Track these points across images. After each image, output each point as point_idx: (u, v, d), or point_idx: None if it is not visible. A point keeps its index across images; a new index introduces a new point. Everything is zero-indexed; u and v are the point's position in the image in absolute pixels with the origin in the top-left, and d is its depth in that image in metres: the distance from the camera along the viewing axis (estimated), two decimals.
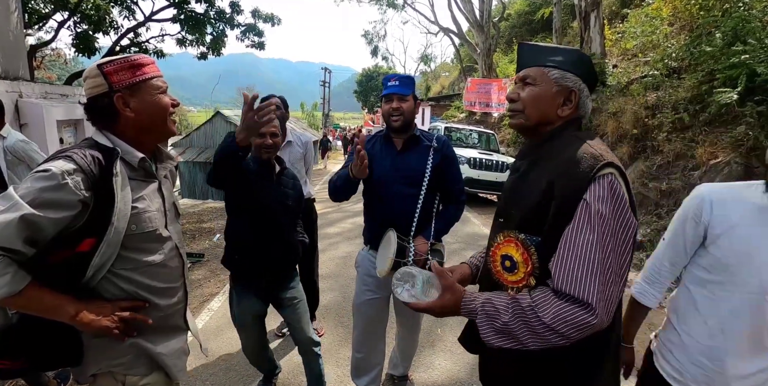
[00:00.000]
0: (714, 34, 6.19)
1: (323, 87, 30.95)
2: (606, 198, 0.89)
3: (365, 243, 2.11)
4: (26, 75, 5.33)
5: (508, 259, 1.03)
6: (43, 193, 0.95)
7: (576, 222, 0.90)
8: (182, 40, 9.52)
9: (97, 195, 1.02)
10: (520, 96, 1.08)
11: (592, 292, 0.86)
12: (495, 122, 14.95)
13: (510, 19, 22.32)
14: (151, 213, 1.15)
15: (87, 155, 1.03)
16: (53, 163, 0.99)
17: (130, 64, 1.10)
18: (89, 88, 1.09)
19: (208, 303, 3.65)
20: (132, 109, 1.11)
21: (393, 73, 2.04)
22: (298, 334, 2.11)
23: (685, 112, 6.17)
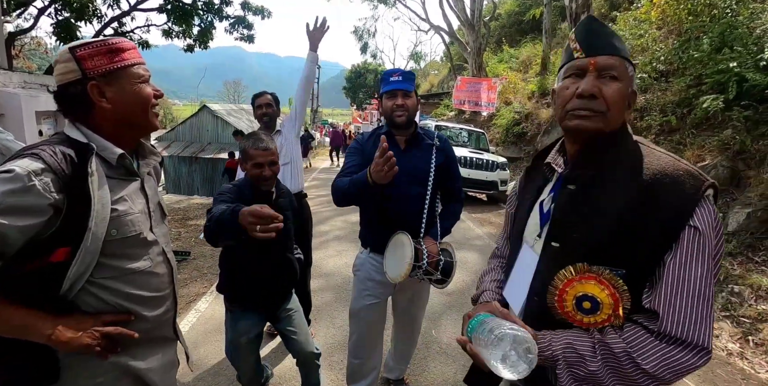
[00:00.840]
0: (702, 39, 6.29)
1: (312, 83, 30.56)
2: (713, 224, 0.79)
3: (364, 246, 2.03)
4: (4, 63, 5.12)
5: (587, 300, 0.85)
6: (6, 197, 0.82)
7: (684, 252, 0.78)
8: (168, 32, 9.27)
9: (71, 197, 0.90)
10: (603, 92, 0.85)
11: (706, 334, 0.76)
12: (484, 121, 15.00)
13: (500, 18, 22.41)
14: (134, 215, 1.02)
15: (57, 152, 0.91)
16: (17, 161, 0.86)
17: (108, 48, 0.97)
18: (59, 74, 0.96)
19: (195, 303, 3.54)
20: (108, 99, 0.98)
21: (394, 68, 1.95)
22: (296, 346, 1.98)
23: (672, 114, 6.27)
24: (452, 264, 1.79)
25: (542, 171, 1.06)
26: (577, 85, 0.88)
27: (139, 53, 1.05)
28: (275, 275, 1.89)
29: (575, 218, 0.89)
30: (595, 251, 0.84)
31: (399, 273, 1.72)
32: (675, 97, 6.48)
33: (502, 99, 14.38)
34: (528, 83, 13.81)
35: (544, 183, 1.05)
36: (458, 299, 3.76)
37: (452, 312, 3.52)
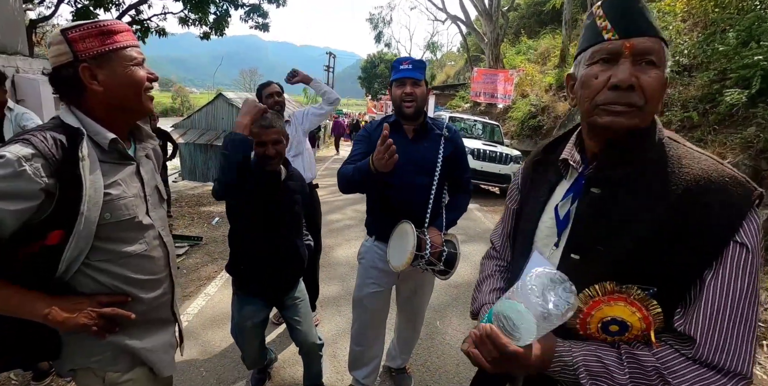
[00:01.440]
0: (728, 32, 6.07)
1: (327, 72, 30.57)
2: (759, 241, 0.70)
3: (369, 234, 2.04)
4: (24, 50, 5.20)
5: (615, 324, 0.76)
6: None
7: (727, 271, 0.69)
8: (185, 19, 9.32)
9: (62, 182, 0.91)
10: (642, 82, 0.72)
11: (746, 361, 0.68)
12: (500, 113, 14.80)
13: (519, 9, 21.94)
14: (127, 199, 1.03)
15: (48, 137, 0.92)
16: (8, 147, 0.87)
17: (99, 31, 0.95)
18: (53, 56, 0.96)
19: (205, 287, 3.62)
20: (100, 82, 0.97)
21: (405, 56, 1.90)
22: (299, 336, 2.01)
23: (694, 110, 6.09)
24: (456, 256, 1.78)
25: (555, 166, 0.93)
26: (609, 73, 0.74)
27: (133, 35, 1.04)
28: (282, 260, 1.89)
29: (601, 227, 0.78)
30: (624, 266, 0.74)
31: (401, 261, 1.72)
32: (697, 92, 6.29)
33: (518, 91, 14.15)
34: (546, 75, 13.53)
35: (557, 180, 0.92)
36: (465, 292, 3.76)
37: (458, 304, 3.52)
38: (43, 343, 1.01)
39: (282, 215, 1.86)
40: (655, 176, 0.74)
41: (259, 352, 2.12)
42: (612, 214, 0.77)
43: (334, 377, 2.47)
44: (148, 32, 9.26)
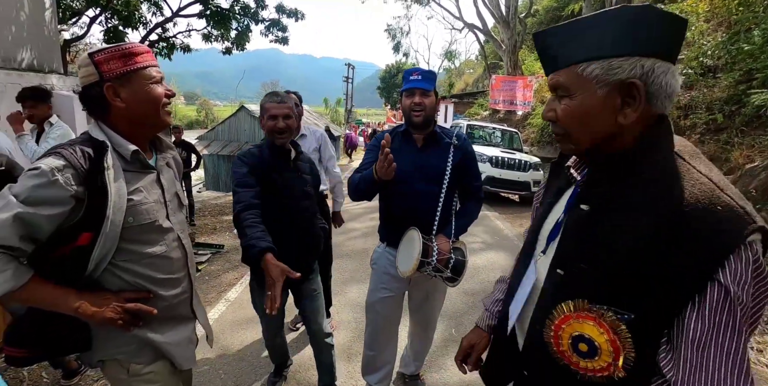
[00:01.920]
0: (753, 31, 5.90)
1: (346, 83, 31.03)
2: (748, 284, 0.63)
3: (381, 240, 2.08)
4: (59, 69, 5.51)
5: (583, 342, 0.74)
6: (35, 190, 0.96)
7: (708, 313, 0.64)
8: (208, 36, 9.69)
9: (90, 189, 1.02)
10: (557, 114, 0.78)
11: None
12: (519, 120, 14.68)
13: (537, 15, 21.84)
14: (149, 204, 1.14)
15: (77, 150, 1.03)
16: (43, 160, 0.99)
17: (122, 53, 1.07)
18: (82, 77, 1.08)
19: (225, 293, 3.71)
20: (123, 99, 1.08)
21: (415, 67, 1.96)
22: (312, 325, 2.11)
23: (720, 112, 5.92)
24: (464, 263, 1.79)
25: (565, 172, 0.93)
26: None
27: (153, 56, 1.15)
28: (297, 239, 1.93)
29: (585, 245, 0.77)
30: (603, 288, 0.73)
31: (407, 267, 1.75)
32: (723, 93, 6.12)
33: (538, 97, 14.02)
34: None
35: (566, 185, 0.92)
36: (480, 299, 3.73)
37: (474, 311, 3.49)
38: (76, 335, 1.11)
39: (294, 193, 1.92)
40: (644, 197, 0.71)
41: (278, 335, 2.23)
42: (597, 233, 0.75)
43: (348, 382, 2.49)
44: (173, 49, 9.66)
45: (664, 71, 0.69)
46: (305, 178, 2.00)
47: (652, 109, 0.72)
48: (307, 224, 1.98)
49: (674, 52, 0.71)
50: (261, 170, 1.84)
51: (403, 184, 1.84)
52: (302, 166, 2.00)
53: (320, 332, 2.11)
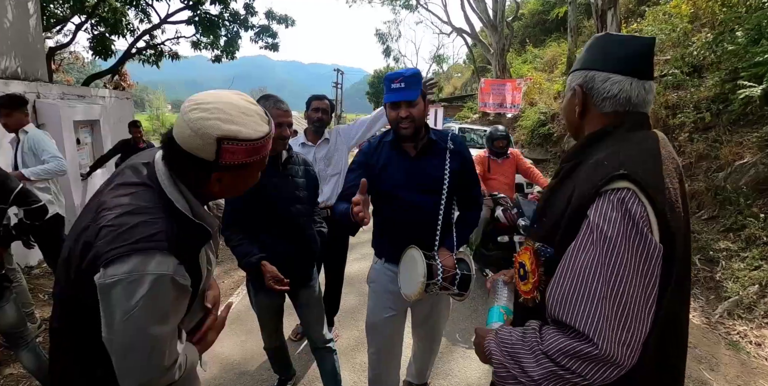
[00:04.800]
0: (737, 31, 6.01)
1: (335, 88, 31.03)
2: (613, 219, 0.77)
3: (378, 255, 1.92)
4: (45, 76, 5.41)
5: (522, 267, 0.97)
6: (162, 302, 0.83)
7: (578, 241, 0.81)
8: (197, 43, 9.60)
9: (190, 273, 0.89)
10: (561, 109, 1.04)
11: (589, 321, 0.75)
12: (509, 122, 14.77)
13: (523, 18, 22.10)
14: (212, 269, 1.08)
15: (175, 236, 0.85)
16: (151, 264, 0.80)
17: (253, 148, 0.89)
18: (189, 144, 0.86)
19: (223, 304, 3.61)
20: (222, 184, 0.93)
21: (395, 72, 1.71)
22: (311, 332, 2.08)
23: (707, 111, 6.01)
24: (470, 277, 1.67)
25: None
26: None
27: (269, 139, 0.95)
28: (291, 246, 1.89)
29: (546, 206, 0.99)
30: (546, 233, 0.93)
31: (412, 290, 1.62)
32: (709, 92, 6.21)
33: (527, 100, 14.14)
34: (553, 83, 13.51)
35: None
36: (483, 303, 3.70)
37: (477, 315, 3.46)
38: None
39: (283, 198, 1.86)
40: (579, 174, 0.90)
41: (279, 340, 2.19)
42: (553, 195, 0.96)
43: None
44: (161, 56, 9.55)
45: (603, 79, 0.93)
46: (297, 181, 1.93)
47: (598, 108, 0.95)
48: (299, 229, 1.92)
49: (623, 65, 0.92)
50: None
51: (396, 197, 1.72)
52: (293, 170, 1.94)
53: (320, 338, 2.07)
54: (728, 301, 3.67)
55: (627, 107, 0.93)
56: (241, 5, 9.41)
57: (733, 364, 2.89)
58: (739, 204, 4.62)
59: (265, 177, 1.79)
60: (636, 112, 0.94)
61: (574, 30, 13.03)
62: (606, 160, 0.84)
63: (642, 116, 0.94)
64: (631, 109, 0.93)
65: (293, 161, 1.96)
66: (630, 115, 0.93)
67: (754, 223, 4.32)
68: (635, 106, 0.93)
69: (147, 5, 8.84)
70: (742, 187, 4.73)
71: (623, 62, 0.92)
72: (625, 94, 0.91)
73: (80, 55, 13.32)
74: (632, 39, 0.93)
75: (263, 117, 0.93)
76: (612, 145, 0.89)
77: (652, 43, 0.93)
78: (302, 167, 1.99)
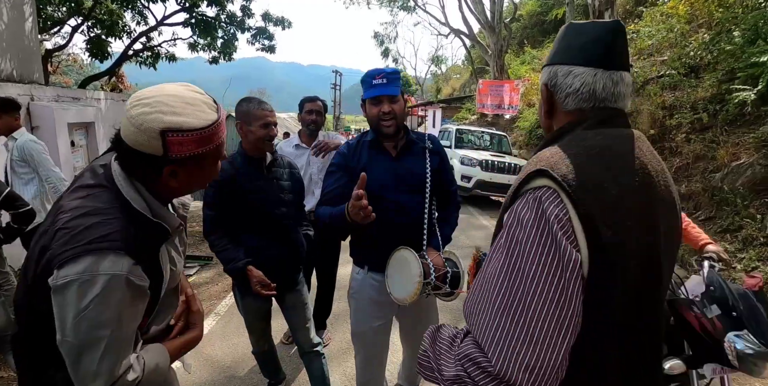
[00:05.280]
0: (734, 31, 6.01)
1: (334, 90, 31.06)
2: (524, 220, 0.68)
3: (359, 264, 1.82)
4: (40, 79, 5.39)
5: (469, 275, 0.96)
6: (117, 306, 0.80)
7: (495, 243, 0.73)
8: (194, 45, 9.59)
9: (148, 274, 0.87)
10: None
11: (486, 335, 0.66)
12: (507, 123, 14.78)
13: (521, 19, 22.13)
14: (178, 267, 1.03)
15: (130, 237, 0.83)
16: (103, 263, 0.78)
17: (201, 137, 0.86)
18: (135, 140, 0.84)
19: (215, 307, 3.60)
20: (178, 179, 0.90)
21: (375, 69, 1.70)
22: (298, 336, 2.06)
23: (704, 111, 6.00)
24: (459, 274, 1.64)
25: None
26: None
27: (224, 126, 0.94)
28: (276, 250, 1.87)
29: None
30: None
31: (407, 293, 1.55)
32: (706, 93, 6.20)
33: (525, 101, 14.15)
34: None
35: None
36: None
37: None
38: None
39: (267, 202, 1.84)
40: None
41: (267, 343, 2.17)
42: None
43: None
44: (158, 58, 9.54)
45: (564, 74, 0.82)
46: (281, 184, 1.91)
47: (561, 105, 0.84)
48: (285, 233, 1.91)
49: (587, 55, 0.81)
50: (231, 183, 1.77)
51: (382, 198, 1.64)
52: (278, 172, 1.92)
53: (307, 343, 2.05)
54: None
55: (592, 103, 0.81)
56: (238, 7, 9.40)
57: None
58: (736, 205, 4.61)
59: (249, 180, 1.81)
60: (603, 108, 0.81)
61: None
62: (535, 157, 0.76)
63: (611, 112, 0.81)
64: (598, 104, 0.81)
65: (278, 164, 1.93)
66: (595, 110, 0.81)
67: (751, 224, 4.31)
68: (602, 100, 0.80)
69: (143, 7, 8.82)
70: (739, 188, 4.72)
71: (584, 51, 0.81)
72: (587, 88, 0.80)
73: (78, 56, 13.32)
74: (593, 24, 0.82)
75: (211, 105, 0.91)
76: (566, 143, 0.78)
77: (618, 28, 0.81)
78: (287, 170, 1.97)
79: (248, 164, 1.84)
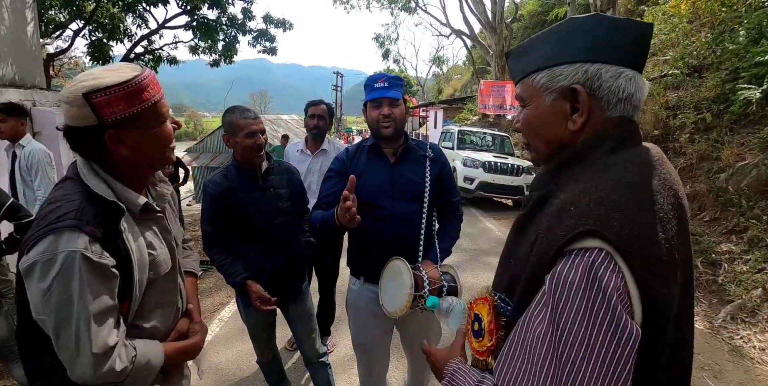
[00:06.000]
0: (737, 30, 5.98)
1: (335, 91, 31.06)
2: (575, 290, 0.57)
3: (355, 275, 1.78)
4: (42, 83, 5.39)
5: (478, 321, 0.79)
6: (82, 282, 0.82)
7: (532, 310, 0.63)
8: (195, 48, 9.60)
9: (114, 255, 0.88)
10: (520, 125, 0.81)
11: None
12: (509, 124, 14.74)
13: (523, 19, 22.10)
14: (165, 254, 1.03)
15: (86, 215, 0.86)
16: (61, 242, 0.81)
17: (127, 92, 0.86)
18: (72, 117, 0.86)
19: (219, 313, 3.59)
20: (128, 146, 0.90)
21: (379, 73, 1.74)
22: (304, 347, 2.04)
23: (708, 111, 5.96)
24: (456, 289, 1.56)
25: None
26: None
27: (157, 82, 0.95)
28: (278, 263, 1.84)
29: (515, 243, 0.78)
30: (511, 281, 0.74)
31: (398, 305, 1.50)
32: (710, 92, 6.17)
33: None
34: None
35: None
36: None
37: None
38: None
39: (264, 213, 1.79)
40: (549, 203, 0.71)
41: (272, 353, 2.12)
42: (519, 232, 0.77)
43: None
44: (160, 61, 9.55)
45: (614, 75, 0.69)
46: (279, 192, 1.85)
47: (604, 114, 0.71)
48: (284, 243, 1.85)
49: (628, 56, 0.70)
50: (226, 196, 1.74)
51: (377, 206, 1.63)
52: (275, 180, 1.85)
53: (313, 353, 2.03)
54: (731, 305, 3.62)
55: (632, 113, 0.72)
56: (239, 9, 9.41)
57: (737, 371, 2.84)
58: (741, 206, 4.57)
59: (244, 192, 1.77)
60: (630, 121, 0.72)
61: None
62: (573, 205, 0.63)
63: (634, 126, 0.73)
64: (634, 115, 0.73)
65: (274, 171, 1.87)
66: (624, 124, 0.72)
67: (757, 225, 4.27)
68: (636, 110, 0.73)
69: (144, 10, 8.83)
70: (744, 189, 4.68)
71: (624, 52, 0.70)
72: (640, 94, 0.71)
73: (80, 60, 13.36)
74: (628, 22, 0.71)
75: (135, 67, 0.92)
76: (587, 176, 0.68)
77: (651, 29, 0.73)
78: (285, 176, 1.91)
79: (242, 176, 1.80)
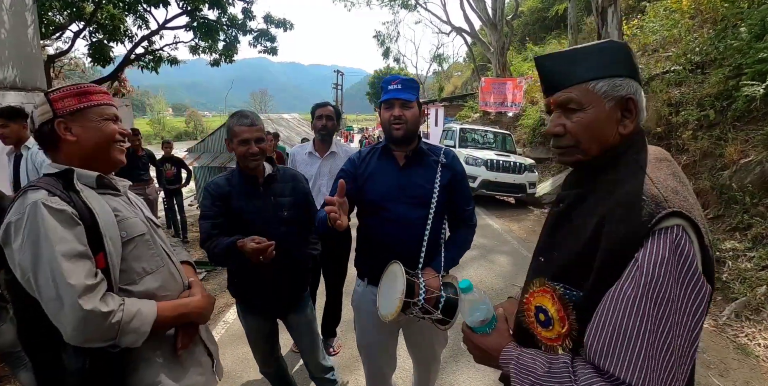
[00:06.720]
0: (740, 26, 5.94)
1: (336, 89, 31.01)
2: (666, 261, 0.70)
3: (360, 276, 1.79)
4: (43, 85, 5.39)
5: (542, 312, 0.87)
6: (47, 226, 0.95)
7: (623, 284, 0.72)
8: (195, 48, 9.60)
9: (77, 209, 1.02)
10: (567, 128, 0.87)
11: (636, 373, 0.69)
12: (510, 121, 14.71)
13: (523, 16, 22.02)
14: (135, 219, 1.15)
15: (45, 180, 1.04)
16: (26, 198, 0.97)
17: (77, 92, 1.09)
18: (38, 116, 1.08)
19: (223, 315, 3.59)
20: (74, 133, 1.08)
21: (394, 75, 1.73)
22: (307, 360, 2.00)
23: (711, 108, 5.93)
24: (456, 302, 1.46)
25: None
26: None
27: (110, 97, 1.17)
28: (277, 271, 1.77)
29: (555, 238, 0.91)
30: (563, 271, 0.85)
31: (390, 310, 1.44)
32: (713, 89, 6.13)
33: (528, 98, 14.07)
34: None
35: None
36: None
37: None
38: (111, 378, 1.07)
39: (265, 221, 1.74)
40: (599, 196, 0.83)
41: (277, 363, 2.09)
42: (563, 227, 0.90)
43: None
44: (160, 61, 9.55)
45: (639, 91, 0.86)
46: (280, 201, 1.79)
47: (638, 122, 0.86)
48: (285, 253, 1.76)
49: (633, 70, 0.86)
50: (226, 199, 1.72)
51: (383, 209, 1.62)
52: (277, 188, 1.80)
53: (317, 367, 1.99)
54: (736, 303, 3.61)
55: (641, 120, 0.88)
56: (239, 10, 9.39)
57: (742, 369, 2.84)
58: (745, 203, 4.56)
59: (244, 198, 1.74)
60: (641, 128, 0.89)
61: (574, 27, 12.93)
62: (644, 195, 0.75)
63: (643, 131, 0.90)
64: (641, 123, 0.88)
65: (277, 179, 1.82)
66: (641, 131, 0.88)
67: (761, 222, 4.26)
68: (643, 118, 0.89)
69: (145, 11, 8.82)
70: (748, 186, 4.66)
71: (633, 68, 0.87)
72: (645, 111, 0.88)
73: (80, 61, 13.35)
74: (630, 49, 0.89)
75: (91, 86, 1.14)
76: (633, 174, 0.81)
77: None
78: (289, 184, 1.85)
79: (243, 182, 1.77)
